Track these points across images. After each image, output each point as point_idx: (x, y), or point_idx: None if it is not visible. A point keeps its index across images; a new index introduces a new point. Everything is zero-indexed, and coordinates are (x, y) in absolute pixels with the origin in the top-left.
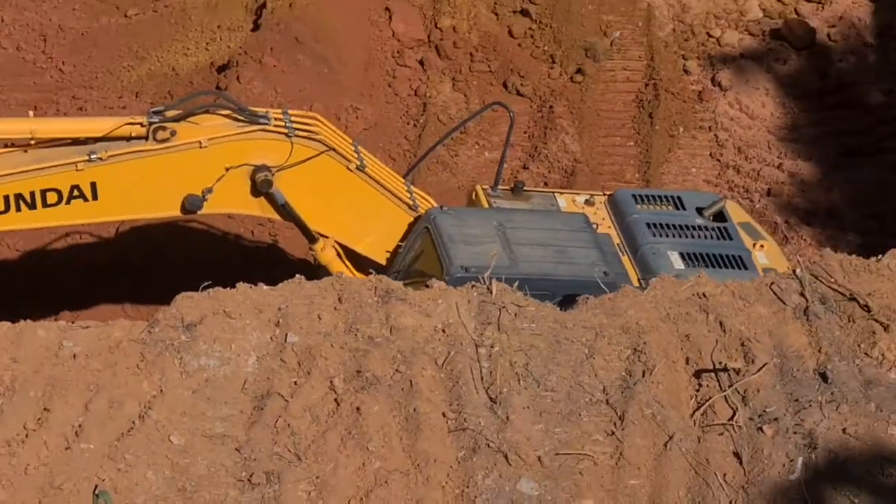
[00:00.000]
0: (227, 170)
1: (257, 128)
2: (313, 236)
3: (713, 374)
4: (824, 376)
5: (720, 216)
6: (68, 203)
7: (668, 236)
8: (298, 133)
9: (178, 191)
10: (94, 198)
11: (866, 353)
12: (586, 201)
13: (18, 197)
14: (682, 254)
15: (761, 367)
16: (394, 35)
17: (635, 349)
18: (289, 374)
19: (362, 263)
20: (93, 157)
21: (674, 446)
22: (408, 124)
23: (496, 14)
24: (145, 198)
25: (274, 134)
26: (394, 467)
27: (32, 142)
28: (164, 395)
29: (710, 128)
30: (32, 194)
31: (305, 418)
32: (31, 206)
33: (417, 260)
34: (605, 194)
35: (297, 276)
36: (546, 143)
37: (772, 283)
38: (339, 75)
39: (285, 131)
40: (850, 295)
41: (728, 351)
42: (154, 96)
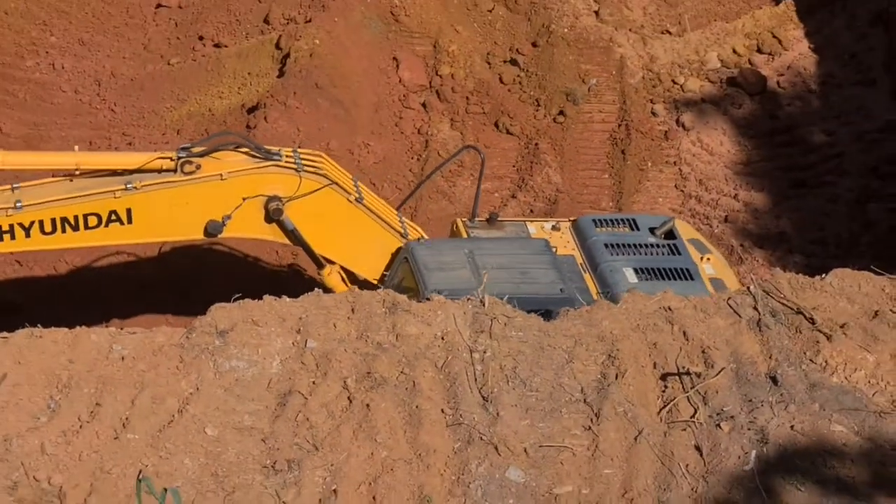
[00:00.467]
0: (243, 199)
1: (271, 163)
2: (321, 262)
3: (677, 377)
4: (774, 380)
5: (670, 234)
6: (107, 226)
7: (623, 254)
8: (306, 168)
9: (201, 217)
10: (129, 222)
11: (811, 360)
12: (553, 227)
13: (64, 220)
14: (635, 269)
15: (719, 372)
16: (400, 81)
17: (609, 355)
18: (308, 374)
19: (363, 286)
20: (129, 186)
21: (643, 440)
22: (412, 159)
23: (489, 63)
24: (173, 222)
25: (285, 169)
26: (398, 457)
27: (77, 172)
28: (199, 393)
29: (674, 163)
30: (76, 218)
31: (322, 413)
32: (75, 228)
33: (401, 285)
34: (569, 220)
35: (315, 289)
36: (532, 176)
37: (729, 298)
38: (353, 116)
39: (294, 167)
40: (797, 309)
41: (690, 357)
42: (193, 133)
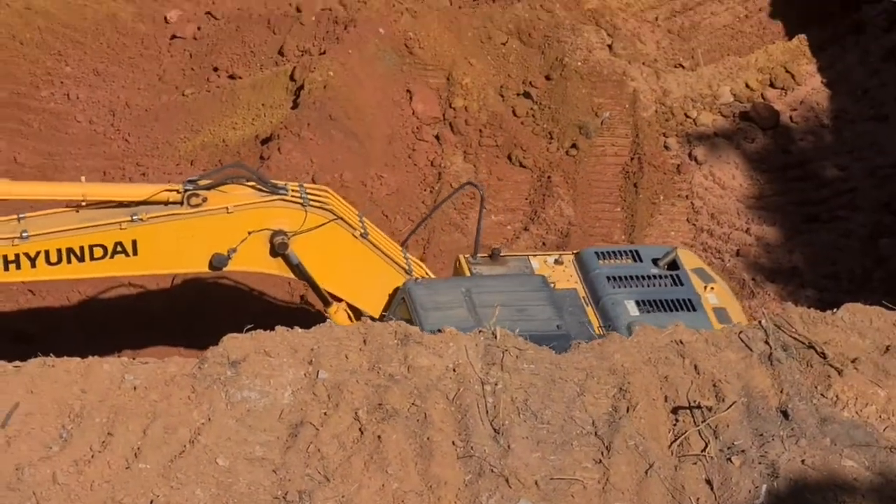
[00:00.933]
0: (249, 233)
1: (277, 197)
2: (327, 300)
3: (688, 410)
4: (785, 414)
5: (673, 265)
6: (112, 257)
7: (625, 287)
8: (312, 203)
9: (207, 250)
10: (135, 253)
11: (822, 394)
12: (556, 261)
13: (69, 251)
14: (637, 301)
15: (730, 406)
16: (414, 113)
17: (621, 388)
18: (319, 405)
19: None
20: (135, 218)
21: (653, 474)
22: (425, 191)
23: (502, 96)
24: (178, 255)
25: (291, 203)
26: (409, 488)
27: (84, 203)
28: (211, 423)
29: (687, 196)
30: (82, 248)
31: (333, 445)
32: (80, 259)
33: None
34: (572, 253)
35: (327, 321)
36: (544, 209)
37: (740, 332)
38: (367, 148)
39: (300, 201)
40: (809, 343)
41: (701, 391)
42: (207, 164)
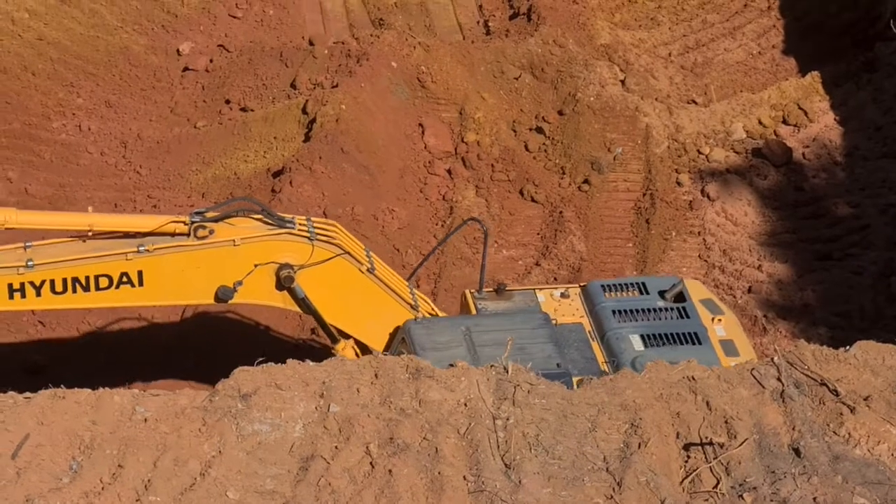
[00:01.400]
0: (255, 266)
1: (284, 231)
2: (334, 336)
3: (700, 447)
4: (797, 451)
5: (680, 297)
6: (117, 288)
7: (630, 321)
8: (319, 237)
9: (213, 282)
10: (140, 284)
11: (834, 432)
12: (562, 294)
13: (75, 280)
14: (642, 336)
15: (742, 442)
16: (426, 147)
17: (632, 424)
18: (330, 439)
19: None
20: (141, 248)
21: None
22: (436, 225)
23: (514, 131)
24: (184, 286)
25: (298, 237)
26: None
27: (90, 233)
28: (222, 456)
29: (699, 233)
30: (87, 278)
31: (344, 478)
32: (86, 289)
33: None
34: (579, 286)
35: (336, 355)
36: (556, 244)
37: (752, 369)
38: (378, 181)
39: (307, 235)
40: (821, 381)
41: (713, 427)
42: (218, 196)
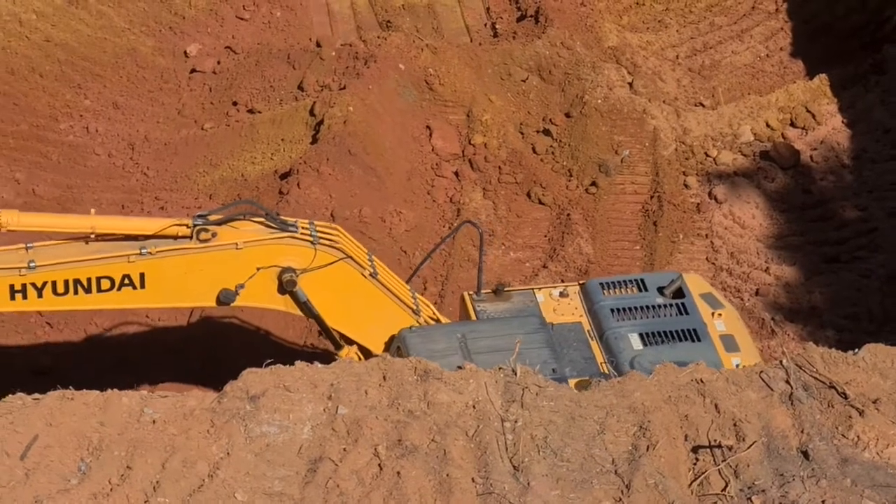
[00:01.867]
0: (257, 269)
1: (286, 235)
2: (337, 342)
3: (709, 449)
4: (806, 454)
5: (679, 292)
6: (119, 290)
7: (628, 319)
8: (322, 241)
9: (215, 285)
10: (142, 286)
11: (843, 435)
12: (561, 293)
13: (77, 282)
14: (640, 334)
15: (751, 445)
16: (433, 150)
17: (641, 426)
18: (339, 441)
19: None
20: (143, 251)
21: None
22: (444, 227)
23: (522, 133)
24: (185, 289)
25: (300, 241)
26: None
27: (93, 235)
28: (230, 457)
29: (706, 235)
30: (89, 280)
31: (352, 480)
32: (87, 291)
33: None
34: (578, 284)
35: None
36: (563, 246)
37: (761, 371)
38: (386, 183)
39: (310, 239)
40: (830, 383)
41: (722, 430)
42: (225, 198)
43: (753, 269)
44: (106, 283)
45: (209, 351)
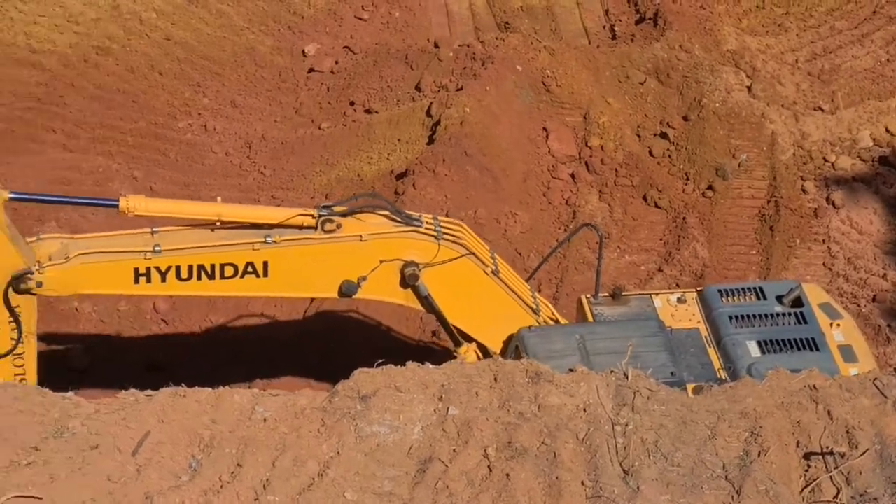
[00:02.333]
0: (381, 262)
1: (411, 229)
2: (457, 339)
3: (820, 456)
4: None
5: (797, 301)
6: (242, 277)
7: (747, 327)
8: (445, 237)
9: (337, 276)
10: (265, 275)
11: None
12: (678, 299)
13: (200, 268)
14: (759, 342)
15: (863, 452)
16: (549, 152)
17: (752, 432)
18: (449, 442)
19: None
20: (268, 240)
21: None
22: (559, 229)
23: (639, 136)
24: (308, 279)
25: (425, 235)
26: None
27: (218, 223)
28: (340, 457)
29: (823, 241)
30: (213, 266)
31: (462, 481)
32: (211, 277)
33: None
34: (696, 291)
35: (457, 357)
36: (679, 250)
37: (875, 378)
38: (501, 185)
39: (434, 234)
40: None
41: (834, 437)
42: (341, 198)
43: (871, 275)
44: (229, 270)
45: (325, 345)
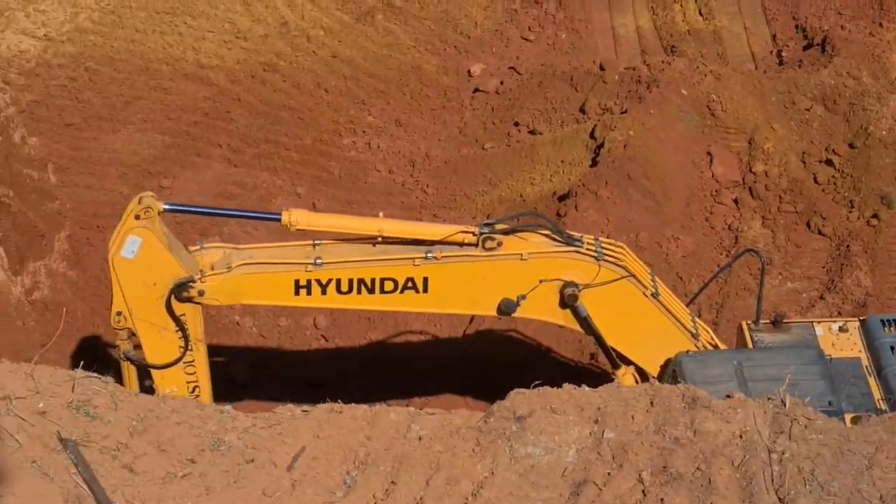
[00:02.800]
0: (540, 281)
1: (572, 249)
2: (616, 362)
3: None
4: None
5: None
6: (402, 292)
7: None
8: (606, 258)
9: (497, 294)
10: (425, 291)
11: None
12: (840, 328)
13: (361, 281)
14: None
15: None
16: (713, 176)
17: None
18: (603, 465)
19: None
20: (429, 255)
21: None
22: (721, 254)
23: (804, 162)
24: (468, 296)
25: (585, 256)
26: None
27: (379, 238)
28: (494, 477)
29: None
30: (373, 280)
31: None
32: (370, 291)
33: None
34: (858, 320)
35: (615, 380)
36: (841, 278)
37: None
38: (664, 208)
39: (595, 255)
40: None
41: None
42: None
43: None
44: (389, 285)
45: (483, 365)
